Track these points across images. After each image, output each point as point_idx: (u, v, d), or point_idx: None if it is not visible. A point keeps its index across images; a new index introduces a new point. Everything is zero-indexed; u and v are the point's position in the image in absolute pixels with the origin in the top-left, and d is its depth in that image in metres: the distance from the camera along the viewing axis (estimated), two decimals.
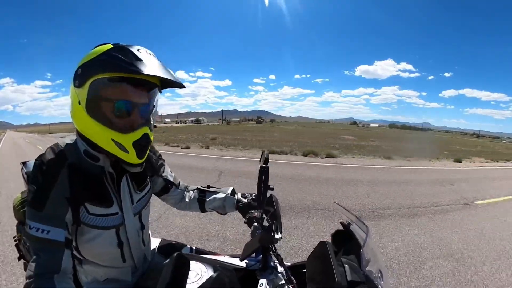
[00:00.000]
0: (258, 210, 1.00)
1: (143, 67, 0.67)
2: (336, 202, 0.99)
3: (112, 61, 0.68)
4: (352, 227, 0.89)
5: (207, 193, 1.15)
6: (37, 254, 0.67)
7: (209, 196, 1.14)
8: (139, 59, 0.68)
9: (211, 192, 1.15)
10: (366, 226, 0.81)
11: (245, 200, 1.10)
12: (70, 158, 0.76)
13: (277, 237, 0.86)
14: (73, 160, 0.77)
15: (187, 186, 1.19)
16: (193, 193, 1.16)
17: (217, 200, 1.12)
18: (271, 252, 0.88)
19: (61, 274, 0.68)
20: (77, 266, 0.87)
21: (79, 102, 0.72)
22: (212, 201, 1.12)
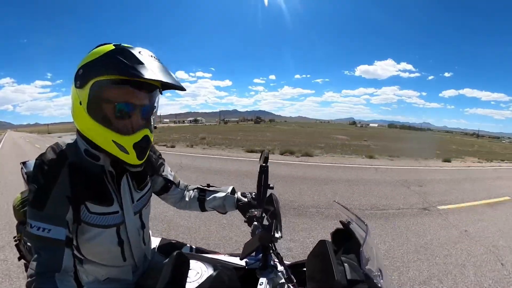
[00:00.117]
0: (258, 209, 1.00)
1: (145, 71, 0.67)
2: (336, 201, 0.99)
3: (114, 64, 0.68)
4: (352, 226, 0.89)
5: (207, 192, 1.15)
6: (38, 253, 0.68)
7: (209, 195, 1.14)
8: (141, 62, 0.68)
9: (211, 191, 1.15)
10: (366, 225, 0.81)
11: (245, 199, 1.10)
12: (71, 157, 0.77)
13: (277, 236, 0.86)
14: (74, 159, 0.77)
15: (187, 186, 1.19)
16: (193, 192, 1.17)
17: (217, 199, 1.12)
18: (271, 251, 0.88)
19: (62, 273, 0.68)
20: (78, 266, 0.86)
21: (80, 103, 0.73)
22: (212, 200, 1.13)
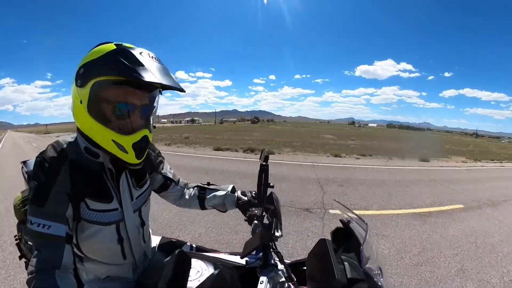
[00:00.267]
0: (259, 208, 1.00)
1: (145, 73, 0.67)
2: (336, 200, 0.99)
3: (115, 65, 0.68)
4: (352, 225, 0.89)
5: (207, 191, 1.15)
6: (38, 250, 0.68)
7: (209, 194, 1.14)
8: (141, 64, 0.69)
9: (211, 190, 1.15)
10: (366, 224, 0.81)
11: (245, 198, 1.10)
12: (71, 155, 0.77)
13: (278, 235, 0.86)
14: (74, 157, 0.77)
15: (187, 183, 1.19)
16: (193, 191, 1.17)
17: (217, 198, 1.12)
18: (272, 250, 0.89)
19: (62, 269, 0.68)
20: (78, 264, 0.87)
21: (81, 102, 0.73)
22: (212, 199, 1.13)
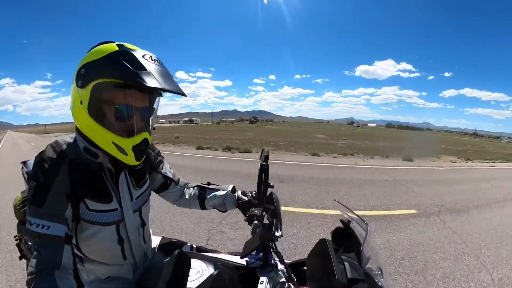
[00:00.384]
0: (259, 208, 1.00)
1: (148, 78, 0.67)
2: (336, 200, 0.99)
3: (118, 68, 0.68)
4: (352, 225, 0.89)
5: (207, 191, 1.15)
6: (38, 250, 0.67)
7: (209, 194, 1.14)
8: (144, 68, 0.68)
9: (211, 190, 1.15)
10: (366, 224, 0.81)
11: (246, 198, 1.10)
12: (70, 155, 0.77)
13: (278, 235, 0.86)
14: (73, 157, 0.77)
15: (187, 183, 1.19)
16: (193, 190, 1.16)
17: (217, 198, 1.12)
18: (272, 250, 0.89)
19: (62, 270, 0.68)
20: (79, 265, 0.86)
21: (81, 102, 0.73)
22: (212, 199, 1.12)
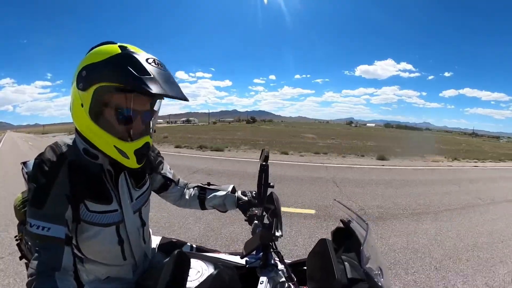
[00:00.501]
0: (259, 208, 1.00)
1: (152, 85, 0.66)
2: (337, 200, 0.99)
3: (121, 72, 0.67)
4: (352, 225, 0.89)
5: (207, 191, 1.15)
6: (38, 252, 0.67)
7: (209, 194, 1.14)
8: (148, 74, 0.67)
9: (211, 190, 1.15)
10: (366, 224, 0.81)
11: (246, 198, 1.10)
12: (70, 156, 0.77)
13: (278, 235, 0.86)
14: (73, 158, 0.77)
15: (187, 184, 1.19)
16: (193, 191, 1.16)
17: (218, 198, 1.12)
18: (272, 250, 0.89)
19: (62, 271, 0.68)
20: (79, 265, 0.86)
21: (82, 105, 0.72)
22: (213, 199, 1.12)
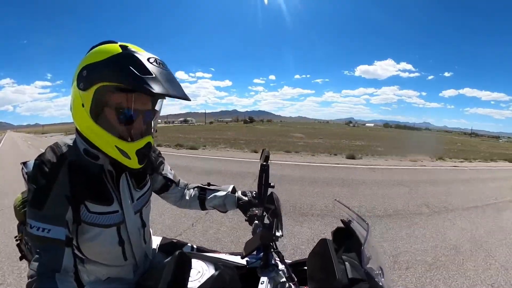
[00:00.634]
0: (259, 208, 1.00)
1: (155, 85, 0.65)
2: (337, 200, 0.99)
3: (122, 71, 0.66)
4: (353, 225, 0.89)
5: (208, 191, 1.15)
6: (38, 253, 0.67)
7: (210, 194, 1.14)
8: (150, 73, 0.67)
9: (212, 190, 1.15)
10: (367, 224, 0.80)
11: (246, 198, 1.10)
12: (70, 157, 0.76)
13: (278, 235, 0.86)
14: (73, 159, 0.77)
15: (187, 184, 1.19)
16: (194, 191, 1.16)
17: (218, 198, 1.12)
18: (272, 250, 0.88)
19: (63, 273, 0.67)
20: (79, 266, 0.86)
21: (83, 105, 0.72)
22: (213, 199, 1.12)
